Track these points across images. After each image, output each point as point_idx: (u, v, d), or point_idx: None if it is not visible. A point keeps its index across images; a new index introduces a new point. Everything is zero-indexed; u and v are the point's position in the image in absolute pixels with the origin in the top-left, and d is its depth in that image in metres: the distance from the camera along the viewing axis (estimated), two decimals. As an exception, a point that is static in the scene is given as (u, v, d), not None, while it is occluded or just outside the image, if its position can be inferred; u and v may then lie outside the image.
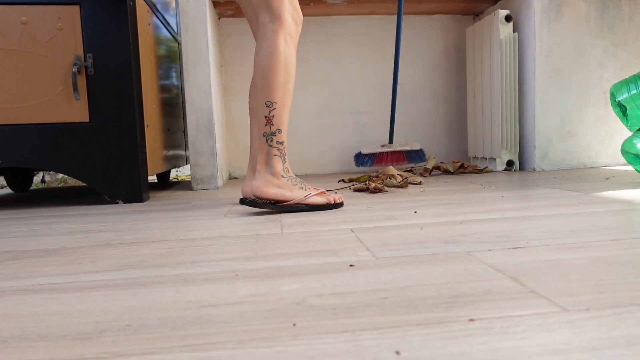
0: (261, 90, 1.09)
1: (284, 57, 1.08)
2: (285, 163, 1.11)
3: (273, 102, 1.08)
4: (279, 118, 1.09)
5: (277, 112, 1.09)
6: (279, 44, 1.08)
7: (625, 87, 1.48)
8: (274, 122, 1.09)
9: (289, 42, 1.10)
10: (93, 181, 1.39)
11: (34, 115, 1.34)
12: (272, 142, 1.09)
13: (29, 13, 1.32)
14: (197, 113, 1.74)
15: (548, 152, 1.93)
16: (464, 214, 0.96)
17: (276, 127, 1.09)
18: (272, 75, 1.08)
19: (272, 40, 1.09)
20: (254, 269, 0.61)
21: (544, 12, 1.89)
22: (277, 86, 1.08)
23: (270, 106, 1.08)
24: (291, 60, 1.10)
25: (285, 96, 1.10)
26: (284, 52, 1.08)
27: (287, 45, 1.09)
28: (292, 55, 1.10)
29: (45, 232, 0.98)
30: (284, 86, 1.09)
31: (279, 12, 1.09)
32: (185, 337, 0.40)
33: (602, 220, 0.83)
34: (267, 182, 1.08)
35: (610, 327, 0.38)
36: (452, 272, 0.56)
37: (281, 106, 1.09)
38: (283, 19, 1.09)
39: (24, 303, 0.52)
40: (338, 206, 1.13)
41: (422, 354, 0.35)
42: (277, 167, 1.09)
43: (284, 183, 1.09)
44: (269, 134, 1.09)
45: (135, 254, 0.73)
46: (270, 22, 1.10)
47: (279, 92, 1.08)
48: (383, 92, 2.38)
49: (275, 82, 1.08)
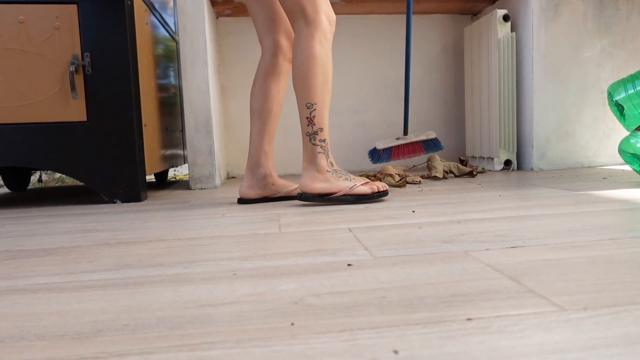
0: (300, 92, 1.14)
1: (321, 59, 1.13)
2: (329, 158, 1.16)
3: (313, 103, 1.14)
4: (320, 118, 1.15)
5: (318, 112, 1.14)
6: (316, 47, 1.12)
7: (622, 86, 1.48)
8: (316, 122, 1.15)
9: (325, 44, 1.14)
10: (91, 180, 1.39)
11: (31, 114, 1.34)
12: (316, 140, 1.15)
13: (26, 12, 1.31)
14: (195, 112, 1.73)
15: (546, 152, 1.94)
16: (462, 214, 0.96)
17: (318, 126, 1.15)
18: (310, 77, 1.13)
19: (309, 44, 1.13)
20: (252, 268, 0.61)
21: (541, 12, 1.89)
22: (316, 88, 1.13)
23: (311, 107, 1.14)
24: (328, 61, 1.15)
25: (325, 96, 1.15)
26: (320, 54, 1.13)
27: (323, 47, 1.14)
28: (328, 56, 1.15)
29: (43, 231, 0.98)
30: (322, 87, 1.14)
31: (314, 15, 1.13)
32: (183, 337, 0.40)
33: (600, 220, 0.83)
34: (313, 178, 1.15)
35: (608, 326, 0.38)
36: (450, 271, 0.56)
37: (321, 106, 1.15)
38: (319, 21, 1.13)
39: (22, 303, 0.51)
40: (383, 194, 1.18)
41: (420, 353, 0.35)
42: (322, 164, 1.15)
43: (330, 177, 1.15)
44: (312, 133, 1.15)
45: (133, 253, 0.73)
46: (306, 25, 1.13)
47: (318, 93, 1.14)
48: (381, 91, 2.39)
49: (314, 84, 1.13)
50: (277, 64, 1.27)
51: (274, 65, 1.27)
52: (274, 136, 1.30)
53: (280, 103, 1.29)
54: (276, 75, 1.27)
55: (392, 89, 2.39)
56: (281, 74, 1.28)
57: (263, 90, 1.27)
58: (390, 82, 2.38)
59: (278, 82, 1.28)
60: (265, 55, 1.28)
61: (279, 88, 1.28)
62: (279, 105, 1.29)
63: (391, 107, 2.40)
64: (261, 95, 1.27)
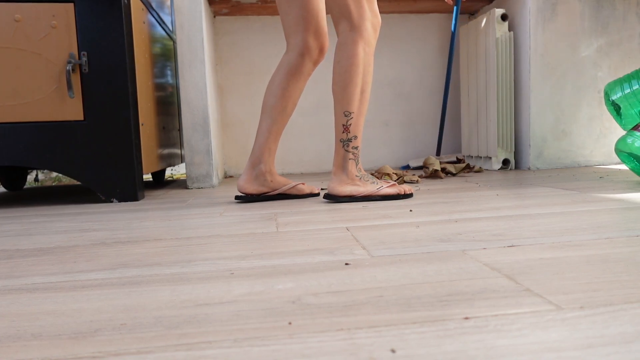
0: (340, 100, 1.16)
1: (363, 67, 1.14)
2: (358, 164, 1.20)
3: (351, 112, 1.16)
4: (355, 126, 1.17)
5: (354, 120, 1.17)
6: (359, 55, 1.13)
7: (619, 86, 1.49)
8: (351, 130, 1.17)
9: (368, 50, 1.15)
10: (87, 180, 1.39)
11: (27, 113, 1.34)
12: (349, 147, 1.18)
13: (23, 10, 1.31)
14: (193, 111, 1.73)
15: (543, 151, 1.94)
16: (459, 213, 0.96)
17: (352, 134, 1.17)
18: (350, 86, 1.15)
19: (352, 51, 1.13)
20: (249, 267, 0.61)
21: (539, 12, 1.89)
22: (355, 97, 1.15)
23: (349, 116, 1.16)
24: (369, 69, 1.16)
25: (362, 104, 1.18)
26: (362, 62, 1.14)
27: (366, 54, 1.15)
28: (369, 64, 1.16)
29: (40, 231, 0.98)
30: (360, 95, 1.16)
31: (360, 21, 1.13)
32: (180, 336, 0.40)
33: (597, 219, 0.83)
34: (341, 182, 1.18)
35: (605, 325, 0.38)
36: (448, 270, 0.56)
37: (358, 114, 1.17)
38: (364, 28, 1.14)
39: (18, 302, 0.51)
40: (408, 196, 1.22)
41: (417, 352, 0.35)
42: (351, 170, 1.18)
43: (358, 181, 1.19)
44: (346, 140, 1.18)
45: (130, 252, 0.73)
46: (350, 30, 1.14)
47: (355, 102, 1.16)
48: (378, 90, 2.39)
49: (353, 93, 1.15)
50: (302, 64, 1.24)
51: (298, 65, 1.24)
52: (280, 134, 1.28)
53: (295, 103, 1.27)
54: (298, 75, 1.25)
55: (389, 89, 2.39)
56: (303, 74, 1.26)
57: (282, 87, 1.24)
58: (387, 81, 2.39)
59: (298, 82, 1.25)
60: (291, 54, 1.24)
61: (297, 88, 1.26)
62: (294, 105, 1.27)
63: (388, 106, 2.40)
64: (279, 91, 1.24)
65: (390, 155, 2.42)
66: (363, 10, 1.13)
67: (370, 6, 1.16)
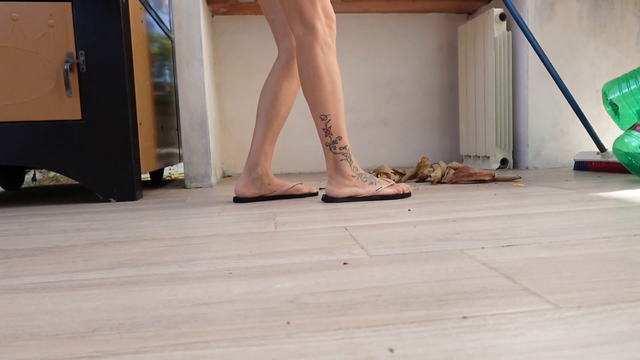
0: (312, 105, 1.14)
1: (325, 68, 1.12)
2: (352, 163, 1.17)
3: (326, 114, 1.13)
4: (336, 127, 1.14)
5: (333, 121, 1.14)
6: (318, 57, 1.11)
7: (617, 85, 1.49)
8: (333, 132, 1.14)
9: (327, 50, 1.13)
10: (85, 179, 1.38)
11: (25, 113, 1.33)
12: (336, 149, 1.15)
13: (20, 9, 1.31)
14: (191, 111, 1.73)
15: (540, 151, 1.95)
16: (458, 212, 0.96)
17: (336, 135, 1.15)
18: (318, 89, 1.12)
19: (311, 55, 1.11)
20: (247, 267, 0.61)
21: (537, 11, 1.89)
22: (327, 98, 1.12)
23: (325, 119, 1.14)
24: (333, 68, 1.13)
25: (337, 105, 1.14)
26: (323, 63, 1.11)
27: (325, 54, 1.12)
28: (332, 63, 1.13)
29: (37, 230, 0.97)
30: (332, 96, 1.13)
31: (312, 22, 1.11)
32: (178, 336, 0.40)
33: (594, 218, 0.83)
34: (339, 185, 1.16)
35: (602, 324, 0.39)
36: (446, 269, 0.56)
37: (335, 115, 1.14)
38: (317, 28, 1.11)
39: (16, 302, 0.51)
40: (407, 196, 1.22)
41: (415, 351, 0.35)
42: (346, 171, 1.16)
43: (355, 182, 1.16)
44: (331, 143, 1.15)
45: (129, 252, 0.73)
46: (304, 34, 1.12)
47: (329, 103, 1.13)
48: (376, 90, 2.39)
49: (323, 96, 1.12)
50: (294, 67, 1.26)
51: (290, 67, 1.25)
52: (276, 138, 1.29)
53: (289, 106, 1.27)
54: (290, 78, 1.26)
55: (387, 88, 2.39)
56: (295, 76, 1.27)
57: (274, 91, 1.25)
58: (386, 80, 2.39)
59: (291, 84, 1.26)
60: (282, 57, 1.26)
61: (290, 91, 1.26)
62: (288, 108, 1.27)
63: (387, 105, 2.40)
64: (272, 95, 1.25)
65: (389, 154, 2.42)
66: (314, 10, 1.11)
67: (322, 4, 1.13)
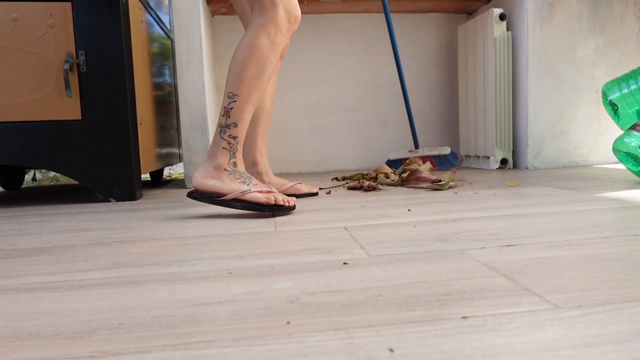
0: (228, 80, 1.05)
1: (260, 51, 1.04)
2: (233, 158, 1.05)
3: (235, 94, 1.04)
4: (238, 111, 1.04)
5: (238, 105, 1.04)
6: (260, 38, 1.04)
7: (616, 85, 1.49)
8: (231, 115, 1.04)
9: (275, 37, 1.05)
10: (85, 179, 1.38)
11: (25, 112, 1.33)
12: (225, 134, 1.04)
13: (20, 9, 1.31)
14: (191, 111, 1.73)
15: (540, 151, 1.95)
16: (458, 212, 0.96)
17: (232, 120, 1.04)
18: (241, 67, 1.04)
19: (255, 33, 1.04)
20: (247, 267, 0.61)
21: (537, 11, 1.89)
22: (244, 79, 1.04)
23: (232, 98, 1.04)
24: (268, 56, 1.05)
25: (252, 91, 1.05)
26: (261, 46, 1.04)
27: (271, 40, 1.04)
28: (271, 52, 1.05)
29: (37, 230, 0.97)
30: (251, 81, 1.04)
31: (271, 5, 1.04)
32: (178, 336, 0.40)
33: (594, 218, 0.83)
34: (206, 173, 1.04)
35: (602, 324, 0.39)
36: (446, 269, 0.56)
37: (243, 100, 1.04)
38: (274, 13, 1.04)
39: (16, 302, 0.51)
40: (281, 209, 1.03)
41: (415, 351, 0.35)
42: (221, 160, 1.04)
43: (225, 176, 1.04)
44: (224, 126, 1.04)
45: (128, 252, 0.73)
46: (259, 14, 1.05)
47: (244, 85, 1.04)
48: (376, 90, 2.39)
49: (242, 75, 1.04)
50: None
51: None
52: (267, 133, 1.29)
53: (272, 99, 1.27)
54: None
55: (387, 88, 2.39)
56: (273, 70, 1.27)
57: None
58: (386, 80, 2.39)
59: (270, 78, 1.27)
60: None
61: (270, 85, 1.26)
62: (272, 101, 1.27)
63: (387, 105, 2.40)
64: None
65: (389, 154, 2.42)
66: None
67: None
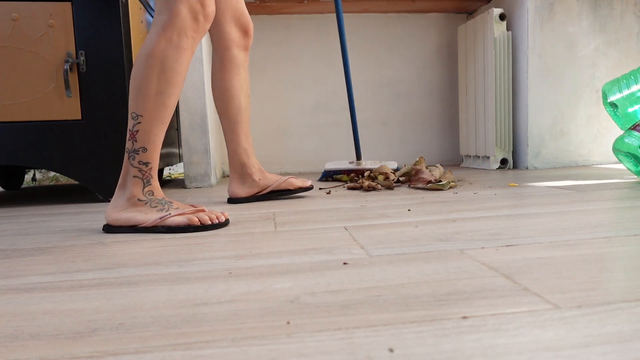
0: (130, 98, 0.90)
1: (161, 62, 0.88)
2: (148, 186, 0.91)
3: (139, 114, 0.89)
4: (145, 134, 0.89)
5: (144, 126, 0.89)
6: (159, 45, 0.88)
7: (616, 86, 1.49)
8: (138, 139, 0.89)
9: (179, 43, 0.89)
10: (85, 179, 1.38)
11: (25, 112, 1.33)
12: (134, 161, 0.90)
13: (20, 9, 1.31)
14: (191, 111, 1.73)
15: (540, 151, 1.95)
16: (458, 212, 0.96)
17: (140, 144, 0.89)
18: (142, 82, 0.89)
19: (152, 39, 0.89)
20: (247, 267, 0.61)
21: (537, 11, 1.89)
22: (147, 96, 0.88)
23: (136, 119, 0.89)
24: (173, 66, 0.89)
25: (158, 109, 0.89)
26: (162, 55, 0.88)
27: (173, 47, 0.89)
28: (176, 60, 0.89)
29: (37, 230, 0.97)
30: (155, 97, 0.89)
31: (171, 3, 0.88)
32: (178, 336, 0.40)
33: (594, 218, 0.83)
34: (116, 207, 0.91)
35: (602, 324, 0.39)
36: (446, 269, 0.56)
37: (150, 120, 0.89)
38: (175, 12, 0.88)
39: (15, 302, 0.51)
40: (209, 228, 0.89)
41: (415, 351, 0.35)
42: (134, 191, 0.90)
43: (141, 207, 0.90)
44: (132, 151, 0.90)
45: (128, 252, 0.73)
46: (159, 12, 0.89)
47: (148, 103, 0.88)
48: (376, 90, 2.39)
49: (144, 92, 0.88)
50: (233, 57, 1.20)
51: (230, 59, 1.20)
52: (249, 131, 1.26)
53: (247, 95, 1.24)
54: (235, 69, 1.21)
55: (387, 88, 2.39)
56: (240, 65, 1.22)
57: (225, 89, 1.21)
58: (386, 81, 2.39)
59: (239, 75, 1.22)
60: (218, 51, 1.21)
61: (241, 81, 1.22)
62: (247, 98, 1.24)
63: (387, 105, 2.40)
64: (224, 94, 1.21)
65: (389, 155, 2.42)
66: None
67: None
